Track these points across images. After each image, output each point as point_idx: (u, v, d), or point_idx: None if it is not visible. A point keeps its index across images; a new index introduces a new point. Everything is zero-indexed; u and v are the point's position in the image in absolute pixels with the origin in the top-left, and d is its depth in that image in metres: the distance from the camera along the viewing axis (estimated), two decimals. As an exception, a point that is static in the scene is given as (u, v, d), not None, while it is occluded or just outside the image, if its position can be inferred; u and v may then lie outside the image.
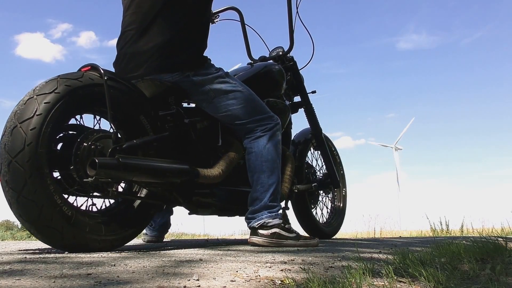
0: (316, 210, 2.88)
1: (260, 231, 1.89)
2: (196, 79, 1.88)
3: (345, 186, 3.05)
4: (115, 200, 1.72)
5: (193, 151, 1.91)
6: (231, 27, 2.72)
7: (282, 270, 1.13)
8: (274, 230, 1.88)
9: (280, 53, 2.56)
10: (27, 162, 1.35)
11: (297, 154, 2.72)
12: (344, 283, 0.95)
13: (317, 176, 2.87)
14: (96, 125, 1.67)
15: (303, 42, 2.86)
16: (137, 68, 1.82)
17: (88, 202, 1.63)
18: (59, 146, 1.56)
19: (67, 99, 1.47)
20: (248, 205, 1.97)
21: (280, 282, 0.99)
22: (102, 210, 1.67)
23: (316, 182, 2.72)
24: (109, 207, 1.70)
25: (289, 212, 2.56)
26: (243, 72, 2.32)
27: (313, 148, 2.90)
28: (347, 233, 6.80)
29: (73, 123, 1.61)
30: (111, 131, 1.64)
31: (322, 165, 2.89)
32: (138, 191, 1.75)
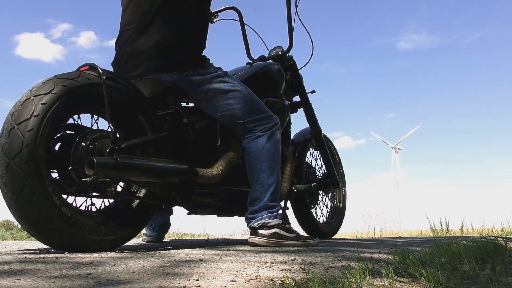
0: (316, 210, 2.88)
1: (260, 231, 1.89)
2: (195, 79, 1.88)
3: (345, 186, 3.05)
4: (114, 200, 1.71)
5: (192, 151, 1.91)
6: (231, 27, 2.72)
7: (282, 270, 1.13)
8: (274, 230, 1.88)
9: (280, 53, 2.55)
10: (25, 164, 1.35)
11: (297, 154, 2.72)
12: (344, 283, 0.95)
13: (317, 176, 2.87)
14: (94, 125, 1.67)
15: (303, 42, 2.86)
16: (136, 68, 1.82)
17: (87, 202, 1.63)
18: (57, 147, 1.55)
19: (64, 100, 1.46)
20: (248, 205, 1.97)
21: (280, 282, 0.99)
22: (101, 210, 1.67)
23: (316, 182, 2.72)
24: (108, 207, 1.70)
25: (289, 212, 2.56)
26: (242, 72, 2.31)
27: (313, 148, 2.90)
28: (347, 233, 6.80)
29: (71, 123, 1.61)
30: (109, 131, 1.64)
31: (322, 165, 2.89)
32: (137, 191, 1.75)
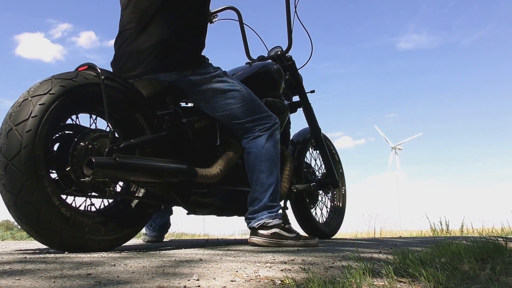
0: (316, 210, 2.88)
1: (260, 231, 1.89)
2: (194, 79, 1.88)
3: (345, 185, 3.05)
4: (113, 200, 1.71)
5: (191, 151, 1.90)
6: (230, 27, 2.72)
7: (282, 270, 1.13)
8: (274, 230, 1.88)
9: (279, 53, 2.55)
10: (24, 165, 1.34)
11: (296, 154, 2.72)
12: (344, 283, 0.95)
13: (316, 176, 2.87)
14: (93, 125, 1.67)
15: (302, 42, 2.86)
16: (135, 68, 1.82)
17: (87, 202, 1.63)
18: (56, 147, 1.55)
19: (62, 100, 1.46)
20: (248, 205, 1.97)
21: (280, 282, 0.99)
22: (101, 210, 1.67)
23: (315, 182, 2.72)
24: (108, 207, 1.70)
25: (288, 212, 2.56)
26: (242, 72, 2.31)
27: (312, 148, 2.89)
28: (347, 233, 6.79)
29: (70, 123, 1.60)
30: (108, 131, 1.63)
31: (321, 165, 2.89)
32: (136, 191, 1.75)
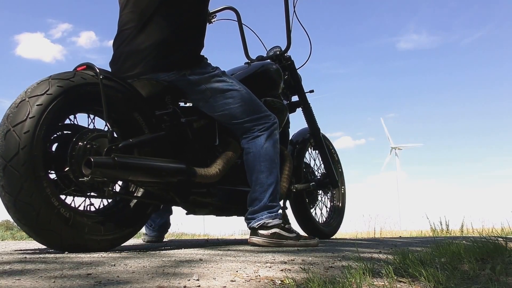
0: (316, 210, 2.88)
1: (260, 231, 1.89)
2: (193, 78, 1.88)
3: (344, 184, 3.06)
4: (113, 200, 1.71)
5: (190, 151, 1.90)
6: (229, 27, 2.72)
7: (282, 270, 1.13)
8: (274, 230, 1.88)
9: (278, 53, 2.55)
10: (22, 166, 1.34)
11: (295, 154, 2.72)
12: (344, 283, 0.95)
13: (316, 176, 2.87)
14: (91, 125, 1.67)
15: (301, 42, 2.86)
16: (134, 67, 1.81)
17: (86, 202, 1.62)
18: (54, 147, 1.55)
19: (60, 100, 1.46)
20: (248, 206, 1.97)
21: (280, 282, 0.99)
22: (100, 210, 1.67)
23: (315, 182, 2.72)
24: (107, 207, 1.70)
25: (288, 212, 2.56)
26: (240, 72, 2.31)
27: (311, 148, 2.90)
28: (347, 233, 6.80)
29: (68, 123, 1.60)
30: (107, 130, 1.63)
31: (320, 165, 2.89)
32: (135, 191, 1.74)
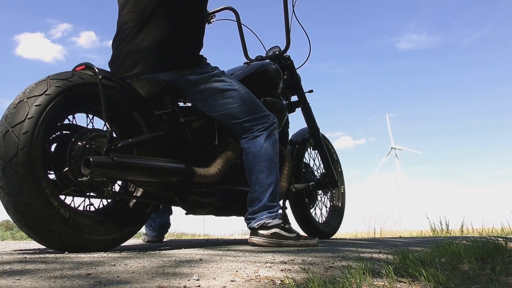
0: (315, 210, 2.88)
1: (260, 231, 1.89)
2: (192, 78, 1.87)
3: (343, 184, 3.06)
4: (112, 200, 1.71)
5: (189, 150, 1.90)
6: (228, 27, 2.73)
7: (282, 270, 1.13)
8: (274, 230, 1.88)
9: (277, 53, 2.56)
10: (22, 167, 1.34)
11: (295, 154, 2.72)
12: (344, 283, 0.95)
13: (315, 176, 2.87)
14: (90, 125, 1.67)
15: (300, 42, 2.86)
16: (133, 67, 1.81)
17: (86, 202, 1.62)
18: (53, 147, 1.55)
19: (58, 100, 1.45)
20: (248, 206, 1.97)
21: (280, 282, 0.99)
22: (100, 210, 1.67)
23: (314, 182, 2.72)
24: (106, 207, 1.70)
25: (288, 212, 2.56)
26: (240, 71, 2.32)
27: (311, 148, 2.90)
28: (347, 233, 6.79)
29: (67, 123, 1.60)
30: (106, 130, 1.63)
31: (320, 165, 2.89)
32: (134, 191, 1.74)
